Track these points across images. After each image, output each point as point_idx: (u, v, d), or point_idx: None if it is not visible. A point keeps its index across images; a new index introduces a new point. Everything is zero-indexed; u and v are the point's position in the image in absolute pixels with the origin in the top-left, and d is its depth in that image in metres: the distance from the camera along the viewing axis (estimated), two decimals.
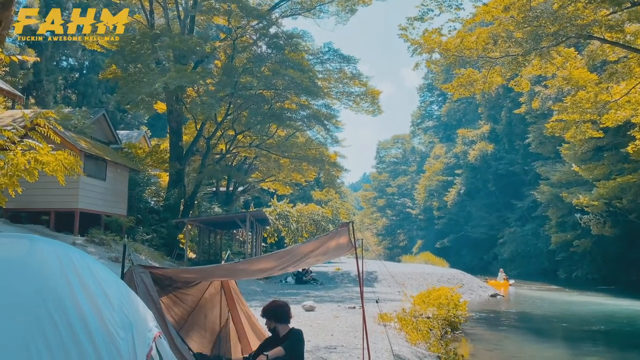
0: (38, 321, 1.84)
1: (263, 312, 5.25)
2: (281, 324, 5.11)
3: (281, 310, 5.12)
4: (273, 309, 5.16)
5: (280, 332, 5.08)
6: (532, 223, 52.30)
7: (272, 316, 5.16)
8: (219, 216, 27.99)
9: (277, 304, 5.20)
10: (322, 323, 11.24)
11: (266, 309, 5.20)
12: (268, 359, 4.64)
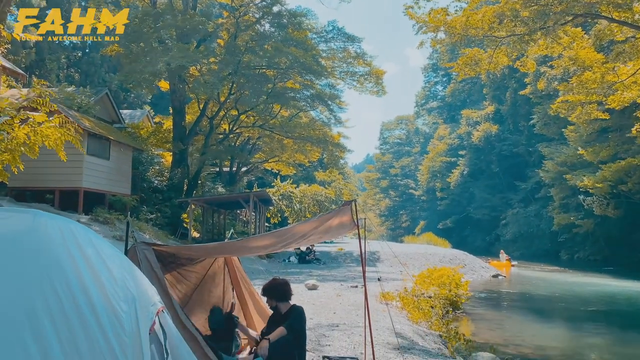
0: (42, 294, 1.86)
1: (263, 291, 5.28)
2: (282, 302, 5.14)
3: (281, 288, 5.15)
4: (273, 287, 5.18)
5: (282, 310, 5.13)
6: (535, 204, 52.31)
7: (273, 295, 5.19)
8: (223, 196, 28.07)
9: (277, 283, 5.22)
10: (324, 301, 11.35)
11: (266, 287, 5.23)
12: (270, 342, 4.68)
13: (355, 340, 7.12)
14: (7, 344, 1.74)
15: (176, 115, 26.87)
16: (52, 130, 5.93)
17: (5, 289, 1.85)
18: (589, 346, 10.87)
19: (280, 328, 4.79)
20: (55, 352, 1.77)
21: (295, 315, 5.00)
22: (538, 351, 9.81)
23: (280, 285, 5.18)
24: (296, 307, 5.13)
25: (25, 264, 1.91)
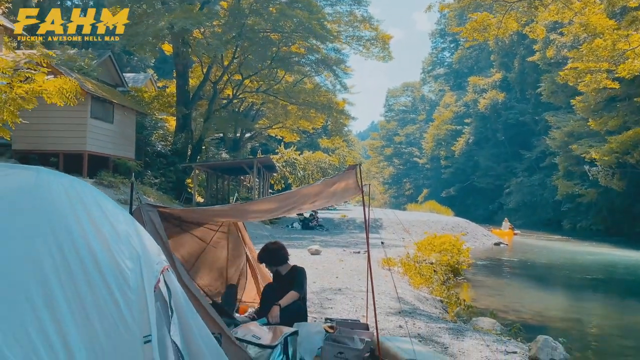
0: (47, 250, 1.86)
1: (260, 259, 5.25)
2: (282, 265, 5.18)
3: (278, 253, 5.15)
4: (269, 254, 5.15)
5: (282, 272, 5.16)
6: (540, 173, 52.20)
7: (272, 261, 5.17)
8: (227, 162, 28.08)
9: (270, 249, 5.17)
10: (327, 266, 11.47)
11: (262, 256, 5.19)
12: (282, 307, 4.73)
13: (357, 304, 7.22)
14: (14, 297, 1.75)
15: (180, 79, 26.62)
16: (50, 82, 5.86)
17: (11, 243, 1.86)
18: (588, 313, 11.01)
19: (291, 293, 4.82)
20: (62, 307, 1.78)
21: (301, 274, 5.06)
22: (537, 317, 9.94)
23: (276, 251, 5.16)
24: (298, 267, 5.19)
25: (30, 220, 1.91)
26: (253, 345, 4.05)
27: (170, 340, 2.35)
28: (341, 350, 4.35)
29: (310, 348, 4.51)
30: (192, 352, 2.56)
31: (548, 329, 8.56)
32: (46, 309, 1.77)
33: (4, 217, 1.90)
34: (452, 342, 5.57)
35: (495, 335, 6.44)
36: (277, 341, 4.06)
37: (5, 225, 1.88)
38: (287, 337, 4.14)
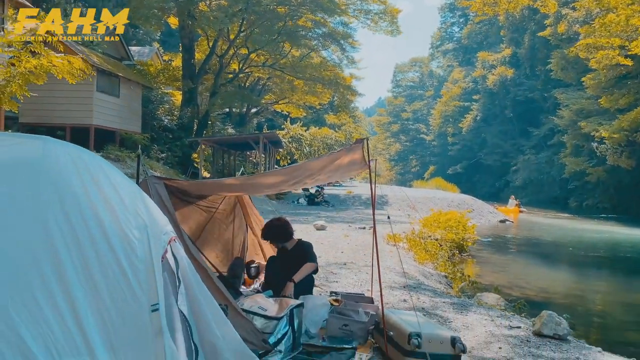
0: (54, 219, 1.87)
1: (265, 237, 5.21)
2: (288, 240, 5.20)
3: (283, 229, 5.14)
4: (275, 230, 5.13)
5: (288, 247, 5.17)
6: (547, 151, 51.86)
7: (278, 238, 5.16)
8: (232, 137, 28.03)
9: (276, 225, 5.16)
10: (332, 241, 11.53)
11: (267, 234, 5.16)
12: (295, 283, 4.76)
13: (362, 278, 7.27)
14: (22, 264, 1.76)
15: (185, 53, 26.40)
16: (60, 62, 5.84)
17: (18, 212, 1.86)
18: (593, 290, 11.05)
19: (307, 265, 4.87)
20: (70, 275, 1.80)
21: (311, 247, 5.13)
22: (541, 294, 9.99)
23: (281, 227, 5.15)
24: (305, 241, 5.23)
25: (37, 189, 1.91)
26: (259, 317, 4.09)
27: (177, 310, 2.38)
28: (346, 323, 4.39)
29: (316, 320, 4.55)
30: (199, 322, 2.59)
31: (552, 305, 8.59)
32: (54, 276, 1.78)
33: (12, 185, 1.91)
34: (456, 316, 5.61)
35: (499, 311, 6.49)
36: (283, 313, 4.10)
37: (14, 194, 1.88)
38: (292, 309, 4.18)
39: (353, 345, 4.16)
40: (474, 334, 4.90)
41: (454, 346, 3.61)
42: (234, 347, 2.81)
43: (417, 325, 3.70)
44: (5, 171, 1.94)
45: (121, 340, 1.79)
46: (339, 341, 4.24)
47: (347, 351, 4.05)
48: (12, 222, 1.83)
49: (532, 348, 4.55)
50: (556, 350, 4.53)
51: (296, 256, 5.07)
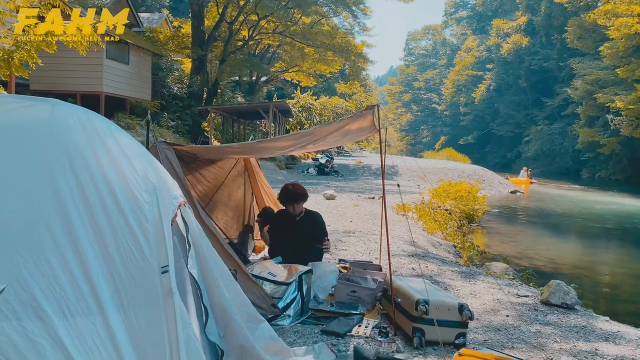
0: (65, 181, 1.87)
1: (296, 199, 5.10)
2: (304, 202, 5.23)
3: (303, 191, 5.17)
4: (300, 193, 5.11)
5: (296, 213, 5.17)
6: (561, 122, 51.15)
7: (296, 199, 5.11)
8: (242, 105, 27.91)
9: (299, 187, 5.18)
10: (341, 210, 11.57)
11: (296, 194, 5.09)
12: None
13: (370, 247, 7.31)
14: (33, 225, 1.78)
15: (195, 20, 26.08)
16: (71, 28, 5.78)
17: (29, 173, 1.87)
18: (602, 261, 11.03)
19: (327, 241, 5.18)
20: (81, 236, 1.81)
21: (322, 223, 5.30)
22: (550, 264, 10.00)
23: (303, 189, 5.19)
24: (314, 213, 5.33)
25: (47, 151, 1.92)
26: (268, 282, 4.15)
27: (187, 273, 2.40)
28: (354, 289, 4.44)
29: (324, 286, 4.60)
30: (209, 285, 2.62)
31: (561, 275, 8.60)
32: (65, 237, 1.80)
33: (22, 147, 1.91)
34: (464, 284, 5.64)
35: (508, 280, 6.51)
36: (292, 279, 4.15)
37: (23, 156, 1.89)
38: (301, 275, 4.22)
39: (360, 311, 4.21)
40: (482, 302, 4.93)
41: (461, 313, 3.63)
42: (244, 310, 2.85)
43: (424, 293, 3.73)
44: (15, 132, 1.94)
45: (131, 300, 1.81)
46: (347, 307, 4.29)
47: (355, 317, 4.10)
48: (22, 183, 1.84)
49: (540, 316, 4.58)
50: (563, 318, 4.55)
51: (305, 226, 5.10)
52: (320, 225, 5.29)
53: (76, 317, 1.74)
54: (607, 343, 3.92)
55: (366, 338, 3.73)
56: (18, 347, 1.66)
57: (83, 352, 1.71)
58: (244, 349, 2.81)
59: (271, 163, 22.05)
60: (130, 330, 1.78)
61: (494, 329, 4.14)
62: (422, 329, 3.61)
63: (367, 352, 3.18)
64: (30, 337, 1.68)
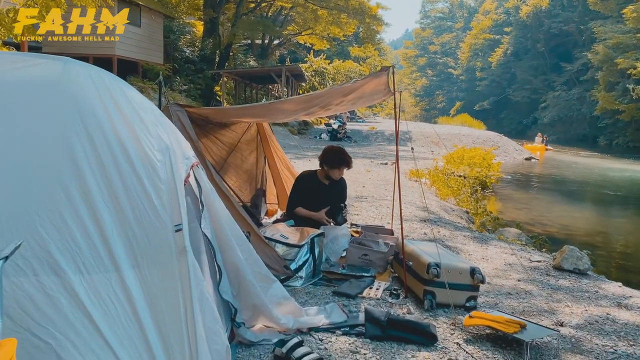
0: (78, 139, 1.87)
1: (349, 164, 4.97)
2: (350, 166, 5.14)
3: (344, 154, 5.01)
4: (350, 159, 4.97)
5: (335, 178, 5.06)
6: (579, 87, 50.00)
7: (343, 161, 4.93)
8: (255, 69, 27.63)
9: (336, 150, 5.01)
10: (354, 176, 11.53)
11: (348, 159, 4.93)
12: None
13: (382, 212, 7.31)
14: (47, 183, 1.79)
15: None
16: None
17: (41, 131, 1.87)
18: (616, 229, 10.96)
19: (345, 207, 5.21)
20: (94, 194, 1.82)
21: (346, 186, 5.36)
22: (563, 231, 9.96)
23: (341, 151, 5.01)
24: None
25: (59, 108, 1.91)
26: (281, 244, 4.18)
27: (201, 233, 2.42)
28: (365, 253, 4.46)
29: (336, 250, 4.63)
30: (223, 245, 2.64)
31: (574, 242, 8.56)
32: (79, 195, 1.81)
33: (35, 104, 1.90)
34: (476, 249, 5.65)
35: (520, 245, 6.50)
36: (304, 241, 4.18)
37: (36, 113, 1.89)
38: (313, 238, 4.25)
39: (372, 274, 4.25)
40: (494, 266, 4.94)
41: (473, 276, 3.64)
42: (257, 270, 2.88)
43: (436, 256, 3.73)
44: (27, 89, 1.93)
45: (146, 258, 1.83)
46: (358, 270, 4.32)
47: (366, 279, 4.13)
48: (36, 140, 1.84)
49: (551, 280, 4.58)
50: (575, 283, 4.55)
51: (333, 191, 5.07)
52: (346, 191, 5.29)
53: (92, 274, 1.77)
54: (619, 308, 3.92)
55: (377, 300, 3.77)
56: (36, 302, 1.70)
57: (99, 307, 1.74)
58: (257, 307, 2.86)
59: (283, 128, 21.97)
60: (145, 287, 1.81)
61: (505, 292, 4.16)
62: (433, 292, 3.64)
63: (378, 313, 3.21)
64: (47, 292, 1.71)
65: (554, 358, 2.98)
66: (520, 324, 3.11)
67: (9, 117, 1.87)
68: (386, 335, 3.10)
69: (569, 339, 3.27)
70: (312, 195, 4.96)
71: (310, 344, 2.94)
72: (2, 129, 1.84)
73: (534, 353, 3.01)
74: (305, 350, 2.71)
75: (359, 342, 3.05)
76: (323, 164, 4.95)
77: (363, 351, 2.93)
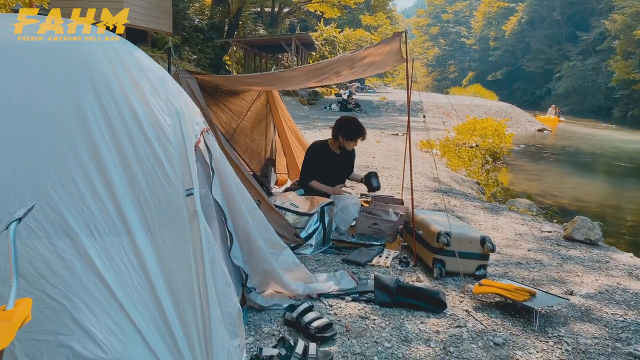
0: (87, 102, 1.86)
1: (361, 134, 4.90)
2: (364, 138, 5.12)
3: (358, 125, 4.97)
4: (354, 125, 4.89)
5: (348, 148, 5.04)
6: (595, 57, 48.85)
7: (360, 133, 4.90)
8: (264, 38, 27.27)
9: (352, 120, 4.97)
10: (364, 147, 11.45)
11: (363, 130, 4.89)
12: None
13: (392, 183, 7.29)
14: (58, 145, 1.79)
15: None
16: None
17: (52, 94, 1.86)
18: (629, 201, 10.85)
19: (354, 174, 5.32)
20: (105, 157, 1.81)
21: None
22: (575, 202, 9.89)
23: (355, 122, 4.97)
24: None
25: (68, 71, 1.89)
26: (291, 213, 4.20)
27: (212, 199, 2.43)
28: (375, 222, 4.46)
29: (346, 219, 4.64)
30: (233, 212, 2.65)
31: (585, 214, 8.47)
32: (90, 159, 1.80)
33: (43, 67, 1.88)
34: (487, 219, 5.63)
35: (531, 216, 6.47)
36: (314, 210, 4.19)
37: (45, 75, 1.87)
38: (323, 207, 4.26)
39: (381, 243, 4.26)
40: (504, 236, 4.93)
41: (483, 245, 3.63)
42: (267, 236, 2.90)
43: (446, 225, 3.73)
44: (37, 51, 1.91)
45: (157, 222, 1.84)
46: (368, 238, 4.34)
47: (376, 248, 4.15)
48: (45, 102, 1.83)
49: (562, 250, 4.57)
50: (586, 253, 4.53)
51: (344, 161, 5.08)
52: (354, 159, 5.32)
53: (104, 237, 1.78)
54: (629, 278, 3.91)
55: (386, 268, 3.79)
56: (50, 264, 1.71)
57: (112, 269, 1.75)
58: (268, 273, 2.88)
59: (293, 98, 21.81)
60: (157, 250, 1.82)
61: (515, 262, 4.16)
62: (442, 260, 3.64)
63: (388, 280, 3.23)
64: (61, 254, 1.73)
65: (563, 326, 2.99)
66: (530, 292, 3.12)
67: (18, 79, 1.86)
68: (395, 302, 3.12)
69: (578, 308, 3.27)
70: (324, 165, 4.96)
71: (320, 310, 2.97)
72: (12, 91, 1.83)
73: (543, 321, 3.02)
74: (315, 315, 2.74)
75: (368, 308, 3.08)
76: (338, 135, 4.91)
77: (372, 317, 2.96)
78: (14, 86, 1.84)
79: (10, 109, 1.80)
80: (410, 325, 2.88)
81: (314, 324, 2.65)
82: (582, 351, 2.69)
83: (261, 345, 2.52)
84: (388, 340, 2.68)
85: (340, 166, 5.06)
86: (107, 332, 1.68)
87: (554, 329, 2.94)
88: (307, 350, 2.39)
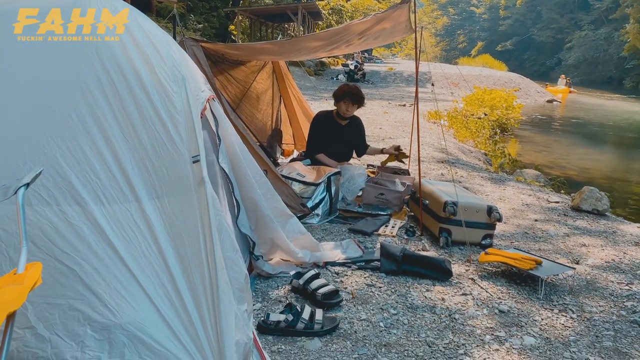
0: (92, 69, 1.85)
1: (362, 100, 4.89)
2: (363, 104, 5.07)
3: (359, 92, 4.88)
4: (355, 92, 4.77)
5: (349, 117, 4.96)
6: (607, 26, 47.80)
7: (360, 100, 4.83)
8: (270, 7, 26.86)
9: (353, 87, 4.85)
10: (371, 117, 11.39)
11: (351, 89, 4.78)
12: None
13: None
14: (64, 114, 1.78)
15: None
16: None
17: (57, 61, 1.84)
18: (638, 171, 10.78)
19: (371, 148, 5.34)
20: (111, 125, 1.81)
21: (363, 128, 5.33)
22: (583, 173, 9.83)
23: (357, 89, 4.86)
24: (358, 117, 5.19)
25: (74, 44, 1.87)
26: (298, 182, 4.20)
27: (218, 167, 2.43)
28: (382, 192, 4.46)
29: (352, 189, 4.63)
30: (240, 180, 2.65)
31: (593, 185, 8.44)
32: (97, 127, 1.80)
33: (46, 46, 1.87)
34: (494, 189, 5.62)
35: (538, 187, 6.45)
36: (321, 179, 4.18)
37: (49, 41, 1.85)
38: (330, 177, 4.25)
39: (388, 213, 4.26)
40: (511, 206, 4.93)
41: (489, 215, 3.63)
42: (274, 205, 2.91)
43: (453, 195, 3.72)
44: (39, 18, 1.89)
45: (165, 188, 1.84)
46: (374, 208, 4.34)
47: (382, 217, 4.16)
48: (50, 69, 1.82)
49: (569, 221, 4.56)
50: (593, 223, 4.52)
51: (349, 131, 4.98)
52: (363, 132, 5.19)
53: (112, 204, 1.79)
54: (636, 248, 3.91)
55: (392, 237, 3.80)
56: (60, 230, 1.73)
57: (120, 236, 1.77)
58: (275, 241, 2.91)
59: (300, 69, 21.58)
60: (165, 216, 1.83)
61: (521, 232, 4.16)
62: (449, 230, 3.65)
63: (394, 248, 3.25)
64: (70, 221, 1.74)
65: (568, 294, 3.01)
66: (536, 260, 3.13)
67: (22, 45, 1.84)
68: (401, 270, 3.14)
69: (584, 277, 3.29)
70: (328, 135, 4.90)
71: (327, 278, 3.00)
72: (17, 58, 1.82)
73: (548, 289, 3.04)
74: (322, 282, 2.77)
75: (374, 276, 3.10)
76: (334, 103, 4.88)
77: (378, 284, 2.99)
78: (18, 52, 1.83)
79: (17, 83, 1.79)
80: (415, 292, 2.91)
81: (321, 290, 2.68)
82: (587, 319, 2.71)
83: (268, 311, 2.56)
84: (394, 307, 2.71)
85: (345, 136, 4.97)
86: (116, 297, 1.70)
87: (559, 297, 2.96)
88: (314, 316, 2.42)
